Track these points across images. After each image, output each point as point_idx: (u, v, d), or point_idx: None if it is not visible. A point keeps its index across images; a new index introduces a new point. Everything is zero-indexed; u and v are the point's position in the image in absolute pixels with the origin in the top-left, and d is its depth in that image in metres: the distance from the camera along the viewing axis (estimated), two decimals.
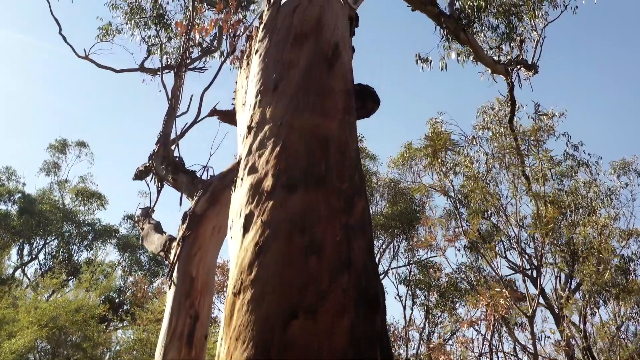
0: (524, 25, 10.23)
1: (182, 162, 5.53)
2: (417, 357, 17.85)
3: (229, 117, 4.41)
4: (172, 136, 5.91)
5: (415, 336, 18.93)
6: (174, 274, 4.41)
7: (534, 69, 9.66)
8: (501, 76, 9.27)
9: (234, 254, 2.79)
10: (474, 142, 13.55)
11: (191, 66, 9.81)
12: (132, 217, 27.14)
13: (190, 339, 4.24)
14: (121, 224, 28.20)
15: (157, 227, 5.74)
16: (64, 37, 10.46)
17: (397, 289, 20.37)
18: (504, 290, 8.66)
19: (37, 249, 26.46)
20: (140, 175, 6.56)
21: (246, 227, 2.76)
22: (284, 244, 2.57)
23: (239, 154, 3.21)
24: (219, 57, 10.73)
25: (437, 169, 10.19)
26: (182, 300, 4.28)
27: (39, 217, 25.62)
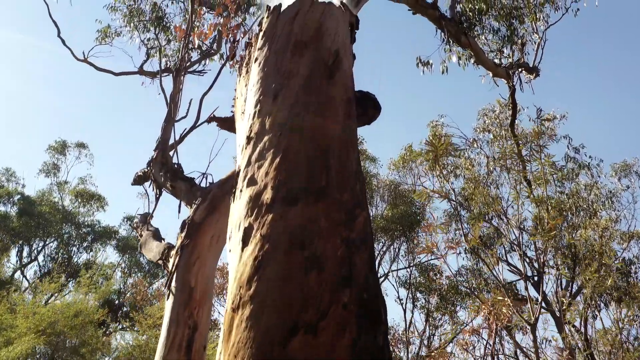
0: (525, 28, 10.20)
1: (181, 169, 5.48)
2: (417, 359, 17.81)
3: (228, 124, 4.35)
4: (171, 142, 5.86)
5: (415, 340, 18.88)
6: (172, 284, 4.36)
7: (535, 72, 9.61)
8: (502, 79, 9.23)
9: (233, 268, 2.74)
10: (475, 145, 13.52)
11: (191, 69, 9.75)
12: (132, 219, 27.09)
13: (188, 349, 4.18)
14: (121, 225, 28.16)
15: (156, 234, 5.68)
16: (63, 40, 10.43)
17: (397, 291, 20.33)
18: (506, 298, 8.60)
19: (36, 251, 26.42)
20: (138, 180, 6.49)
21: (245, 241, 2.71)
22: (284, 259, 2.53)
23: (237, 164, 3.16)
24: (219, 60, 10.65)
25: (438, 173, 10.14)
26: (180, 310, 4.22)
27: (38, 218, 25.58)
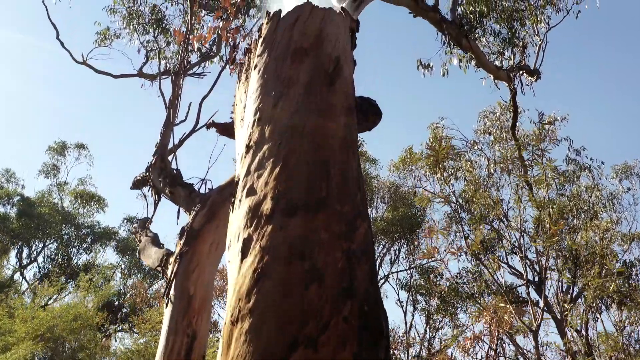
0: (526, 30, 10.17)
1: (180, 175, 5.42)
2: None
3: (227, 130, 4.30)
4: (170, 146, 5.81)
5: (416, 345, 18.85)
6: (171, 292, 4.31)
7: (536, 75, 9.57)
8: (503, 82, 9.19)
9: (232, 280, 2.71)
10: (475, 147, 13.48)
11: (190, 72, 9.71)
12: (132, 220, 27.04)
13: (187, 359, 4.13)
14: (120, 226, 28.12)
15: (155, 239, 5.63)
16: (62, 43, 10.41)
17: (397, 294, 20.28)
18: (508, 305, 8.56)
19: (36, 252, 26.39)
20: (137, 184, 6.45)
21: (244, 252, 2.68)
22: (284, 271, 2.51)
23: (237, 173, 3.12)
24: (219, 62, 10.62)
25: (439, 176, 10.12)
26: (179, 319, 4.17)
27: (38, 219, 25.53)
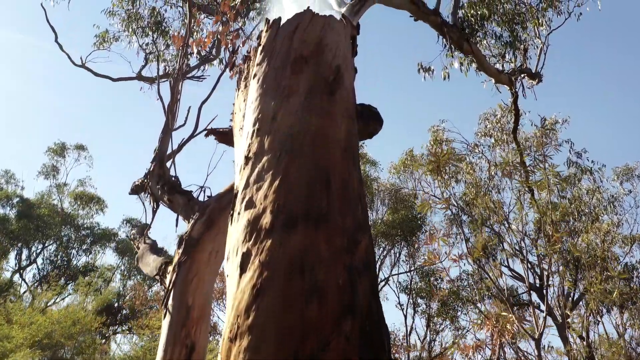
0: (527, 33, 10.11)
1: (179, 182, 5.37)
2: None
3: (226, 137, 4.24)
4: (169, 152, 5.76)
5: (417, 350, 18.77)
6: (169, 302, 4.25)
7: (538, 78, 9.51)
8: (505, 86, 9.13)
9: (231, 295, 2.64)
10: (476, 150, 13.41)
11: (190, 74, 9.65)
12: (131, 221, 26.96)
13: None
14: (120, 227, 28.04)
15: (153, 247, 5.57)
16: (60, 46, 10.34)
17: (397, 297, 20.17)
18: (510, 315, 8.50)
19: (35, 254, 26.31)
20: (136, 190, 6.38)
21: (243, 267, 2.61)
22: (284, 287, 2.44)
23: (236, 185, 3.05)
24: (218, 65, 10.56)
25: (440, 180, 10.06)
26: (177, 330, 4.11)
27: (37, 221, 25.47)
